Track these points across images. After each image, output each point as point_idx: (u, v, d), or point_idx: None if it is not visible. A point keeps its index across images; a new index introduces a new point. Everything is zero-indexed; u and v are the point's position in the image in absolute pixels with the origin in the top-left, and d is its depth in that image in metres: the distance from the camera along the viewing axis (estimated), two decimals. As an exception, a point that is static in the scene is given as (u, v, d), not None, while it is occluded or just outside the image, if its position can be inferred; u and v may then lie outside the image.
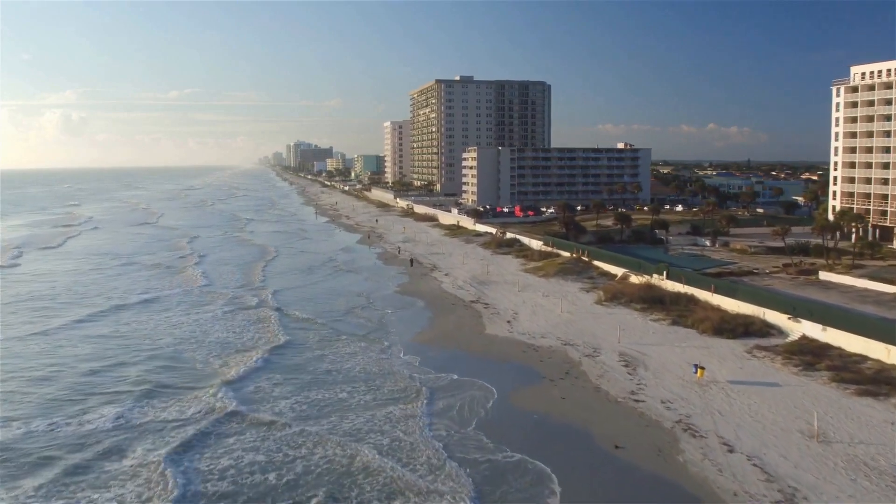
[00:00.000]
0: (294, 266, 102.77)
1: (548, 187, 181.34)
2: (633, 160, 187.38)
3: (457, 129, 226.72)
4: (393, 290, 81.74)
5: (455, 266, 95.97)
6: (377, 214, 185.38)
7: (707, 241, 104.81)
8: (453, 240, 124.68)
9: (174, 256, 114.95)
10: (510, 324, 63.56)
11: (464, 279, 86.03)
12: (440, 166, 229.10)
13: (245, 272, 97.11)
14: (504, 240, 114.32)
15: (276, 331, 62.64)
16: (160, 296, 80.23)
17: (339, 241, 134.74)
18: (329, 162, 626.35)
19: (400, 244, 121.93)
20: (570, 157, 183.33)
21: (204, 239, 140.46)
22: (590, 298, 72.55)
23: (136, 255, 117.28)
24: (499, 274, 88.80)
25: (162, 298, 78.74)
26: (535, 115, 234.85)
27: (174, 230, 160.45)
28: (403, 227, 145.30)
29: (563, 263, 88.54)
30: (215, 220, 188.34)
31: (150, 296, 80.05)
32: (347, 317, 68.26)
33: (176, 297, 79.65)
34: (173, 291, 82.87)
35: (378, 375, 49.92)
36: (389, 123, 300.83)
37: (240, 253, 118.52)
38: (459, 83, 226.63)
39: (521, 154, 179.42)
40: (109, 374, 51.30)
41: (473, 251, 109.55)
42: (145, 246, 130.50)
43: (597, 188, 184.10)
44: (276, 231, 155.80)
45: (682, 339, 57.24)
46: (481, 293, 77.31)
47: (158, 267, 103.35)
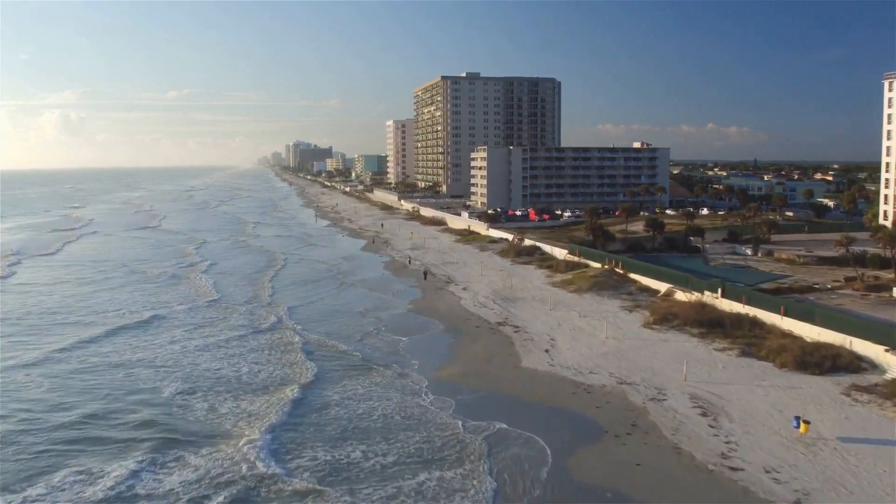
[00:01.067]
0: (301, 276, 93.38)
1: (561, 189, 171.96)
2: (651, 160, 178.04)
3: (463, 127, 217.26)
4: (406, 308, 72.33)
5: (473, 278, 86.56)
6: (381, 218, 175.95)
7: (748, 249, 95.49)
8: (466, 247, 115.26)
9: (180, 264, 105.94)
10: (549, 354, 54.14)
11: (485, 294, 76.62)
12: (446, 167, 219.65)
13: (254, 284, 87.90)
14: (523, 247, 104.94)
15: (298, 362, 53.39)
16: (167, 313, 70.93)
17: (342, 247, 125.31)
18: (329, 162, 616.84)
19: (409, 252, 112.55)
20: (585, 158, 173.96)
21: (211, 245, 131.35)
22: (634, 320, 63.18)
23: (140, 262, 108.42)
24: (523, 288, 79.41)
25: (169, 316, 69.49)
26: (545, 114, 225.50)
27: (179, 234, 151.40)
28: (411, 232, 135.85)
29: (596, 277, 79.14)
30: (220, 223, 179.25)
31: (155, 313, 70.69)
32: (362, 344, 58.68)
33: (184, 314, 70.50)
34: (181, 307, 73.65)
35: (415, 425, 40.86)
36: (392, 122, 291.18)
37: (247, 261, 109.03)
38: (466, 80, 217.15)
39: (533, 154, 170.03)
40: (111, 420, 42.36)
41: (490, 260, 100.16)
42: (149, 252, 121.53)
43: (612, 190, 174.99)
44: (279, 235, 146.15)
45: (759, 375, 47.89)
46: (508, 312, 67.91)
47: (164, 276, 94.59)
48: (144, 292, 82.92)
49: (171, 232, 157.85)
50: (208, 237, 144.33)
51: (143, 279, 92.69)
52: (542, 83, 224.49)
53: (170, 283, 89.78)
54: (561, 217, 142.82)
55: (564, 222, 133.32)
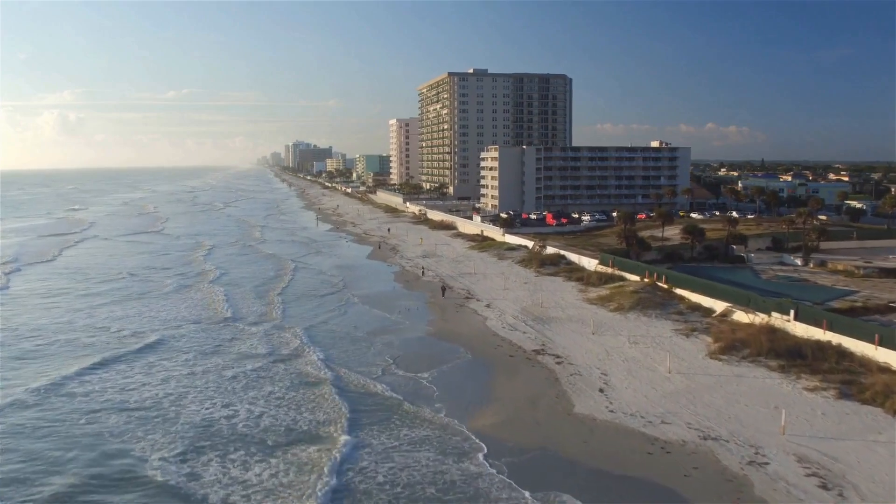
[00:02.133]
0: (308, 289, 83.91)
1: (577, 191, 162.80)
2: (671, 160, 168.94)
3: (471, 126, 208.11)
4: (424, 331, 63.21)
5: (496, 293, 77.48)
6: (386, 221, 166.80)
7: (797, 259, 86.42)
8: (482, 255, 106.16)
9: (188, 273, 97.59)
10: (605, 395, 45.06)
11: (513, 313, 67.57)
12: (452, 167, 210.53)
13: (264, 298, 79.01)
14: (546, 256, 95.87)
15: (324, 407, 44.12)
16: (175, 335, 62.14)
17: (348, 255, 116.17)
18: (329, 162, 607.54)
19: (419, 260, 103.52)
20: (602, 157, 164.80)
21: (218, 251, 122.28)
22: (695, 348, 54.11)
23: (145, 271, 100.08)
24: (556, 305, 70.31)
25: (178, 339, 60.65)
26: (555, 112, 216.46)
27: (184, 239, 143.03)
28: (420, 237, 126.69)
29: (637, 292, 70.07)
30: (225, 227, 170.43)
31: (161, 335, 61.84)
32: (382, 380, 49.44)
33: (195, 337, 61.51)
34: (191, 327, 64.90)
35: (472, 494, 32.33)
36: (395, 121, 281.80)
37: (256, 271, 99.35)
38: (474, 76, 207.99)
39: (547, 154, 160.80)
40: (113, 492, 33.49)
41: (511, 270, 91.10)
42: (155, 259, 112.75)
43: (631, 191, 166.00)
44: (282, 240, 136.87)
45: (872, 426, 38.86)
46: (544, 337, 58.84)
47: (171, 288, 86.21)
48: (150, 307, 74.23)
49: (176, 236, 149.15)
50: (214, 241, 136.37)
51: (149, 291, 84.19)
52: (553, 80, 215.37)
53: (178, 296, 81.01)
54: (580, 221, 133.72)
55: (586, 227, 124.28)
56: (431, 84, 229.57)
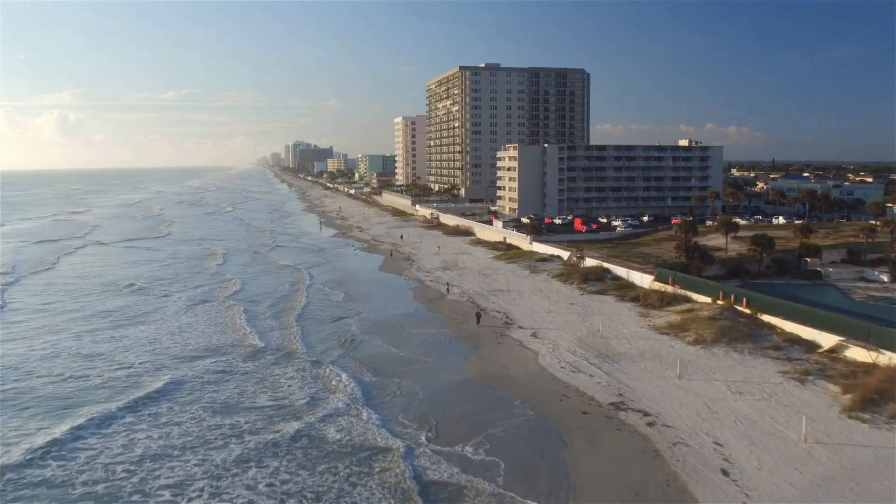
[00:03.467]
0: (323, 310, 72.26)
1: (602, 193, 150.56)
2: (703, 160, 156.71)
3: (484, 123, 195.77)
4: (462, 374, 50.95)
5: (540, 317, 65.35)
6: (395, 226, 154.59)
7: (882, 274, 74.22)
8: (510, 266, 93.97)
9: (203, 286, 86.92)
10: (732, 479, 32.91)
11: (569, 345, 55.45)
12: (464, 167, 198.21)
13: (282, 319, 68.17)
14: (587, 269, 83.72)
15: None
16: (191, 375, 50.58)
17: (357, 266, 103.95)
18: (330, 162, 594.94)
19: (440, 273, 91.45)
20: (629, 157, 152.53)
21: (233, 258, 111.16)
22: (819, 400, 41.95)
23: (155, 283, 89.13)
24: (618, 334, 58.17)
25: (193, 382, 49.13)
26: (573, 108, 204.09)
27: (194, 245, 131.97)
28: (437, 246, 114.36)
29: (715, 319, 57.94)
30: (233, 231, 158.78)
31: (173, 376, 50.24)
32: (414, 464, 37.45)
33: (216, 378, 50.11)
34: (210, 363, 53.30)
35: None
36: (401, 119, 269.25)
37: (271, 283, 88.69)
38: (487, 70, 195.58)
39: (571, 153, 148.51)
40: None
41: (550, 287, 78.93)
42: (165, 269, 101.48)
43: (660, 193, 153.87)
44: (286, 246, 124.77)
45: None
46: (618, 382, 46.71)
47: (186, 305, 75.16)
48: (161, 332, 63.00)
49: (185, 241, 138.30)
50: (224, 247, 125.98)
51: (160, 309, 73.22)
52: (570, 74, 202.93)
53: (193, 316, 69.83)
54: (612, 227, 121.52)
55: (622, 234, 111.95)
56: (441, 79, 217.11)
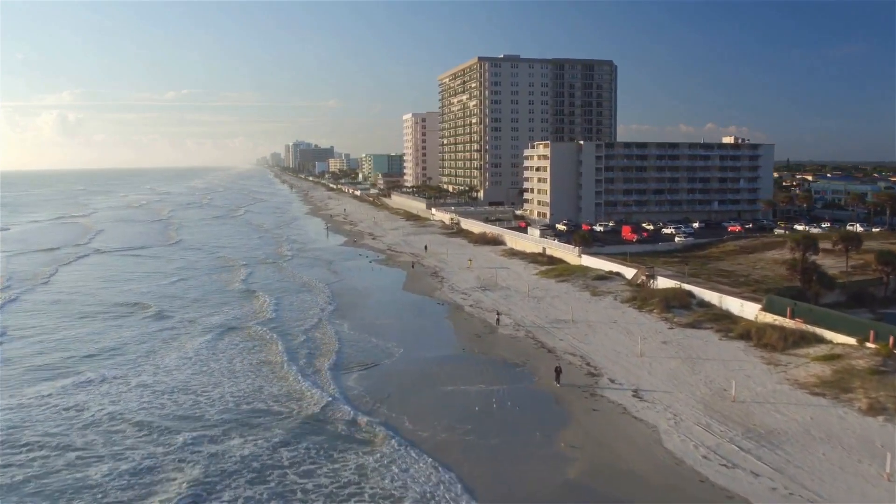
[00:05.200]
0: (357, 348, 56.35)
1: (643, 196, 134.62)
2: (752, 159, 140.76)
3: (504, 119, 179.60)
4: (564, 468, 34.84)
5: (632, 364, 49.39)
6: (412, 232, 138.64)
7: None
8: (562, 285, 77.96)
9: (224, 308, 72.12)
10: None
11: (695, 415, 39.56)
12: (482, 167, 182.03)
13: (315, 366, 52.28)
14: (665, 293, 67.65)
15: None
16: (240, 463, 35.35)
17: (377, 283, 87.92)
18: (331, 162, 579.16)
19: (478, 294, 75.65)
20: (672, 156, 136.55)
21: (258, 272, 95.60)
22: None
23: (169, 303, 74.80)
24: (754, 395, 42.22)
25: (248, 469, 34.60)
26: (601, 103, 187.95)
27: (208, 254, 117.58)
28: (468, 259, 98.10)
29: (883, 372, 42.04)
30: (245, 237, 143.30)
31: (206, 470, 34.41)
32: None
33: (272, 445, 37.01)
34: (259, 439, 38.30)
35: None
36: (410, 116, 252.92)
37: (302, 306, 73.25)
38: (507, 62, 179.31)
39: (609, 151, 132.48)
40: None
41: (624, 316, 62.99)
42: (178, 285, 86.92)
43: (705, 196, 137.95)
44: (295, 256, 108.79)
45: None
46: (801, 487, 30.79)
47: (211, 336, 60.47)
48: (182, 379, 48.65)
49: (197, 249, 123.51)
50: (244, 257, 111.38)
51: (177, 337, 60.12)
52: (598, 66, 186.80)
53: (218, 354, 55.07)
54: (667, 236, 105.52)
55: (684, 245, 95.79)
56: (455, 72, 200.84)
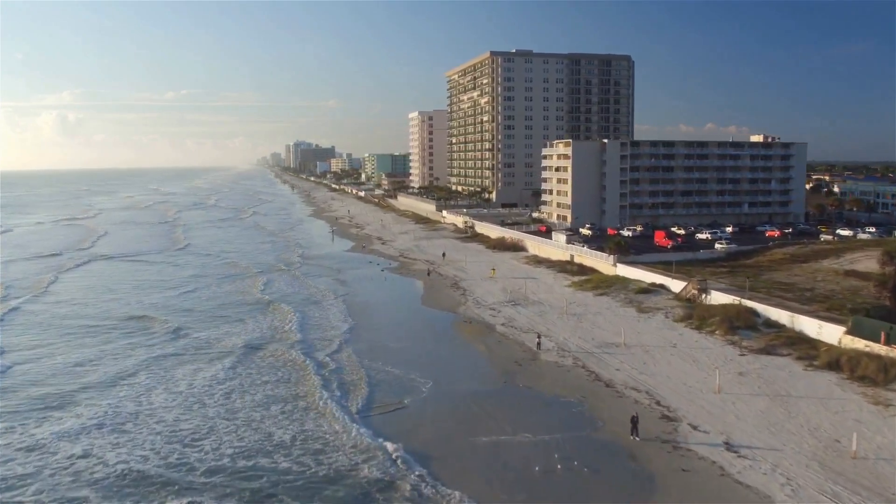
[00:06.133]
0: (382, 385, 48.24)
1: (670, 197, 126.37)
2: (784, 159, 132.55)
3: (518, 117, 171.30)
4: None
5: (710, 403, 41.24)
6: (423, 236, 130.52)
7: None
8: (601, 299, 69.73)
9: (252, 328, 63.59)
10: None
11: (814, 480, 31.51)
12: (495, 167, 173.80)
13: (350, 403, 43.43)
14: (720, 310, 59.39)
15: None
16: None
17: (391, 297, 79.84)
18: (333, 162, 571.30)
19: (507, 308, 67.57)
20: (701, 155, 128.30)
21: (275, 285, 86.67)
22: None
23: (184, 318, 67.55)
24: (876, 448, 34.03)
25: None
26: (618, 101, 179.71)
27: (219, 259, 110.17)
28: (492, 268, 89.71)
29: None
30: (255, 241, 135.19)
31: None
32: None
33: None
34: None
35: None
36: (417, 114, 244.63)
37: (321, 320, 66.41)
38: (521, 57, 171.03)
39: (634, 150, 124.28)
40: None
41: (681, 338, 54.84)
42: (191, 296, 79.57)
43: (735, 198, 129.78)
44: (307, 271, 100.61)
45: None
46: None
47: (225, 361, 52.61)
48: (204, 418, 41.32)
49: (207, 255, 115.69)
50: (255, 261, 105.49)
51: (196, 359, 52.93)
52: (616, 62, 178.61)
53: (248, 385, 47.46)
54: (703, 241, 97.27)
55: (727, 253, 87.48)
56: (466, 68, 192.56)
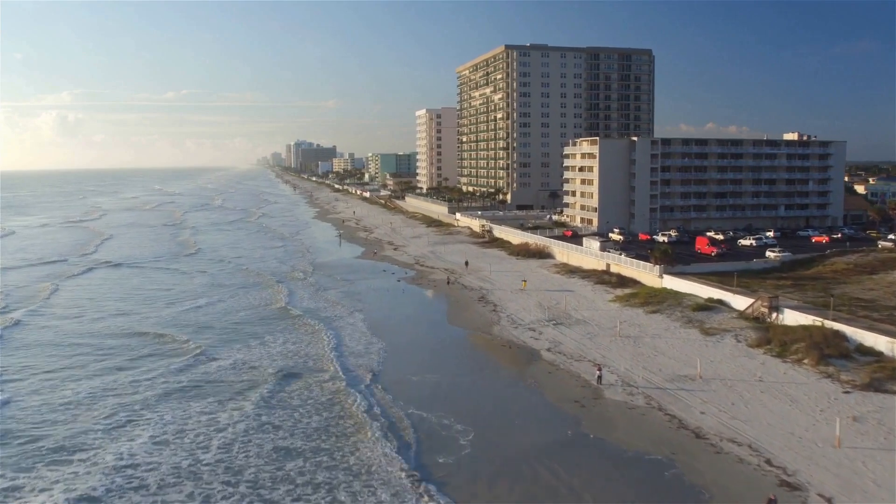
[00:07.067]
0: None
1: (703, 199, 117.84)
2: (822, 158, 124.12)
3: (534, 114, 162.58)
4: None
5: (843, 468, 32.83)
6: (437, 241, 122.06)
7: None
8: (654, 317, 61.24)
9: (283, 353, 55.41)
10: None
11: None
12: (509, 167, 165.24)
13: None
14: (806, 333, 50.93)
15: None
16: None
17: (413, 314, 71.42)
18: (335, 162, 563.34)
19: (548, 327, 59.16)
20: (735, 154, 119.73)
21: (297, 292, 79.86)
22: None
23: (204, 339, 59.70)
24: None
25: None
26: (639, 97, 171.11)
27: (231, 266, 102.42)
28: (522, 280, 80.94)
29: None
30: (266, 246, 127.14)
31: None
32: None
33: None
34: None
35: None
36: (424, 112, 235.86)
37: (354, 345, 57.77)
38: (537, 51, 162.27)
39: (666, 148, 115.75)
40: None
41: (764, 368, 46.40)
42: (208, 308, 72.26)
43: (771, 200, 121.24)
44: (319, 280, 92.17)
45: None
46: None
47: (267, 390, 46.13)
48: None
49: (220, 261, 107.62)
50: (270, 268, 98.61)
51: (223, 399, 44.90)
52: (636, 56, 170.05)
53: (289, 430, 39.99)
54: (752, 248, 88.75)
55: (782, 262, 78.79)
56: (478, 63, 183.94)
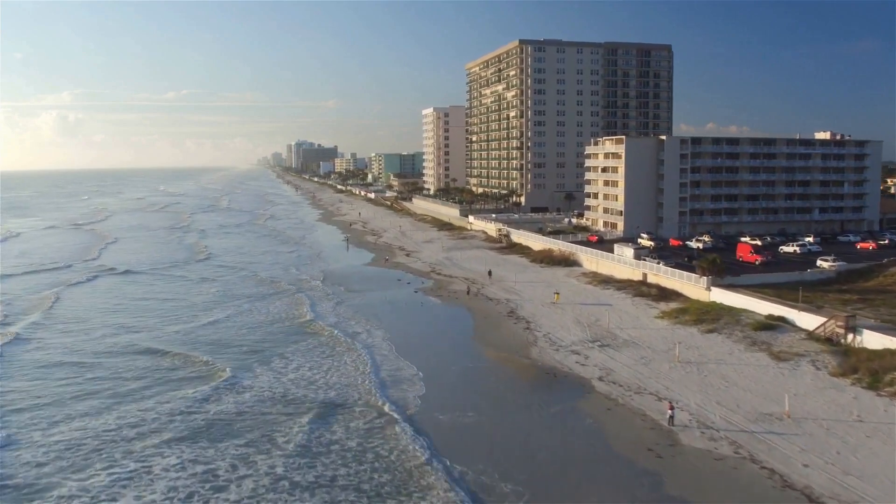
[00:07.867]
0: None
1: (734, 202, 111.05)
2: (858, 159, 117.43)
3: (549, 112, 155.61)
4: None
5: None
6: (452, 246, 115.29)
7: None
8: (711, 337, 54.44)
9: (322, 382, 48.62)
10: None
11: None
12: (523, 168, 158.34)
13: None
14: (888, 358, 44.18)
15: None
16: None
17: (434, 331, 64.67)
18: (337, 162, 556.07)
19: (593, 350, 52.42)
20: (768, 154, 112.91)
21: (320, 303, 73.98)
22: None
23: (219, 356, 54.43)
24: None
25: None
26: (658, 94, 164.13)
27: (244, 273, 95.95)
28: (555, 292, 73.99)
29: None
30: (277, 250, 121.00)
31: None
32: None
33: None
34: None
35: None
36: (431, 111, 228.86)
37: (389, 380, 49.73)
38: (553, 46, 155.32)
39: (696, 148, 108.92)
40: None
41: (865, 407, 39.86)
42: (225, 322, 66.19)
43: (805, 203, 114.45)
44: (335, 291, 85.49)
45: None
46: None
47: (308, 430, 40.21)
48: None
49: (232, 268, 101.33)
50: (274, 275, 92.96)
51: (247, 446, 38.11)
52: (656, 52, 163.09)
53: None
54: (794, 253, 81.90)
55: (838, 271, 71.86)
56: (489, 59, 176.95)
